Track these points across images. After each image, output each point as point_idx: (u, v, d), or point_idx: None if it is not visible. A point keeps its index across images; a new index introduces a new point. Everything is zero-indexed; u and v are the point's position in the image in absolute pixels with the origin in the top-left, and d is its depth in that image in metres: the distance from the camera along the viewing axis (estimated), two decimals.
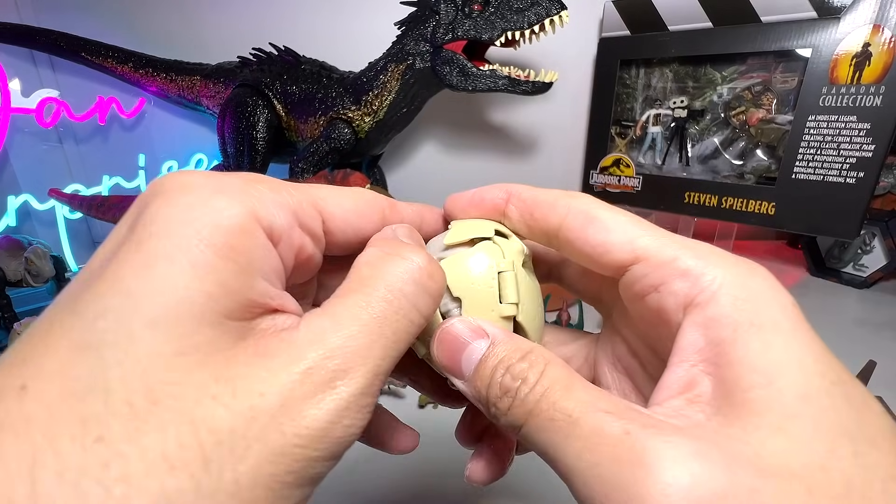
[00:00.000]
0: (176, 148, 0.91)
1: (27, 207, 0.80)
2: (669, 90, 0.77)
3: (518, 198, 0.18)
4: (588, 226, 0.16)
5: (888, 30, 0.58)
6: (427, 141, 0.94)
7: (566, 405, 0.13)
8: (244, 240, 0.13)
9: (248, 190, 0.14)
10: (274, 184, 0.15)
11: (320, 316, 0.13)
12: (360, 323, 0.13)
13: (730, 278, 0.14)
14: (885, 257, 0.71)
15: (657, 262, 0.15)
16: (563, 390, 0.13)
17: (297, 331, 0.13)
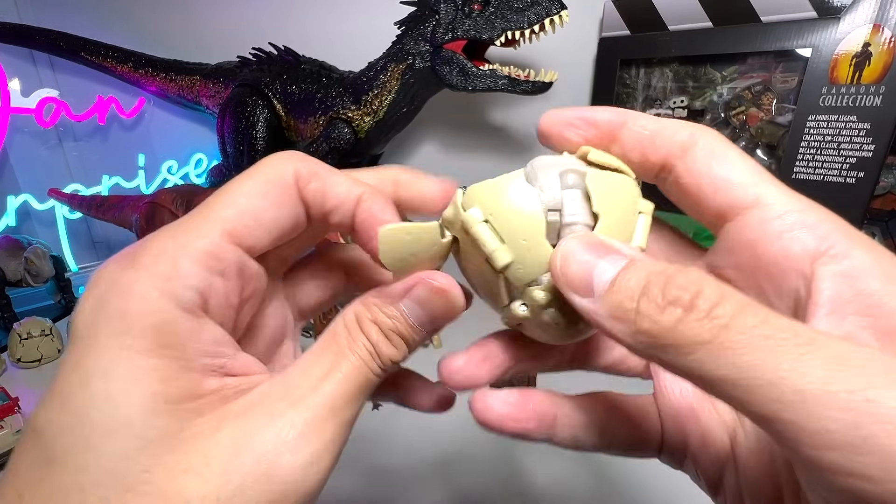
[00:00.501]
0: (175, 148, 0.91)
1: (27, 207, 0.80)
2: (669, 90, 0.77)
3: (635, 122, 0.17)
4: (712, 160, 0.15)
5: (888, 29, 0.58)
6: (427, 141, 0.94)
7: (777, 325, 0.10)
8: (170, 332, 0.13)
9: (160, 267, 0.14)
10: (188, 230, 0.15)
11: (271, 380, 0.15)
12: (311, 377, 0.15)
13: (858, 239, 0.13)
14: None
15: (781, 211, 0.14)
16: (753, 313, 0.11)
17: (250, 394, 0.14)
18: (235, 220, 0.15)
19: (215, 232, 0.15)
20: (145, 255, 0.14)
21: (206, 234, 0.15)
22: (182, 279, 0.14)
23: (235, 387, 0.14)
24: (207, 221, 0.15)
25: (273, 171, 0.16)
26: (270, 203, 0.16)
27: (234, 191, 0.16)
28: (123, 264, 0.14)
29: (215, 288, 0.15)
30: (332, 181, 0.17)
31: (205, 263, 0.14)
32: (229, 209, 0.15)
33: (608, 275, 0.12)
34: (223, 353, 0.15)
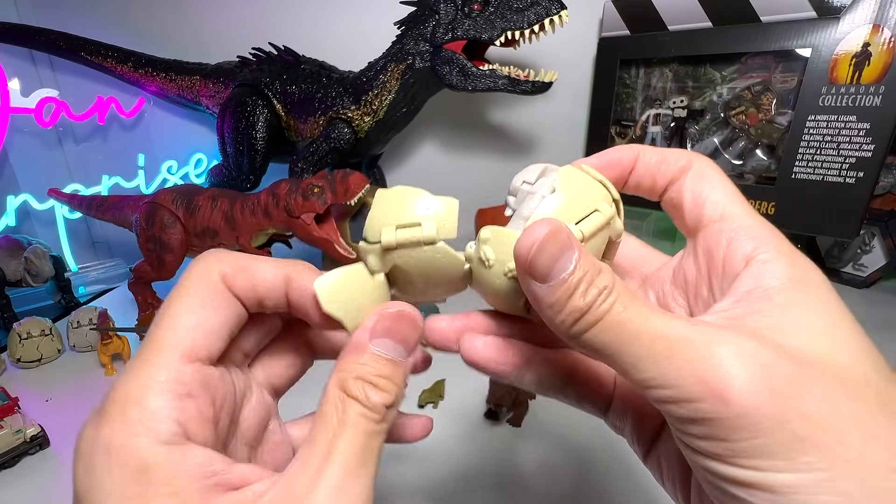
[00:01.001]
0: (175, 148, 0.91)
1: (27, 207, 0.80)
2: (669, 90, 0.77)
3: (644, 155, 0.21)
4: (699, 181, 0.19)
5: (888, 29, 0.58)
6: (427, 141, 0.94)
7: (636, 308, 0.15)
8: (157, 471, 0.14)
9: (130, 414, 0.15)
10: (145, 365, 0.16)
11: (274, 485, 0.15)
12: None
13: (786, 252, 0.17)
14: (885, 257, 0.71)
15: (737, 223, 0.18)
16: (630, 297, 0.16)
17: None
18: (185, 339, 0.16)
19: (172, 357, 0.16)
20: (112, 406, 0.15)
21: (163, 363, 0.16)
22: (154, 417, 0.15)
23: (238, 501, 0.15)
24: (161, 351, 0.16)
25: (200, 279, 0.17)
26: (211, 310, 0.17)
27: (173, 311, 0.17)
28: (96, 422, 0.15)
29: (189, 411, 0.15)
30: (257, 270, 0.18)
31: (172, 392, 0.15)
32: (177, 331, 0.16)
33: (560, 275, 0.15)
34: (215, 471, 0.15)
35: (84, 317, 0.59)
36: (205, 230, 0.61)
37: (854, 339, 0.15)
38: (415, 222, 0.18)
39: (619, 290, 0.16)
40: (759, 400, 0.13)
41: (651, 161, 0.20)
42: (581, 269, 0.15)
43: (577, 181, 0.19)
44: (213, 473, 0.15)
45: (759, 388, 0.13)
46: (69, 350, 0.60)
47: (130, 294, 0.65)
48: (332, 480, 0.15)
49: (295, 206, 0.57)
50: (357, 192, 0.57)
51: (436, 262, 0.18)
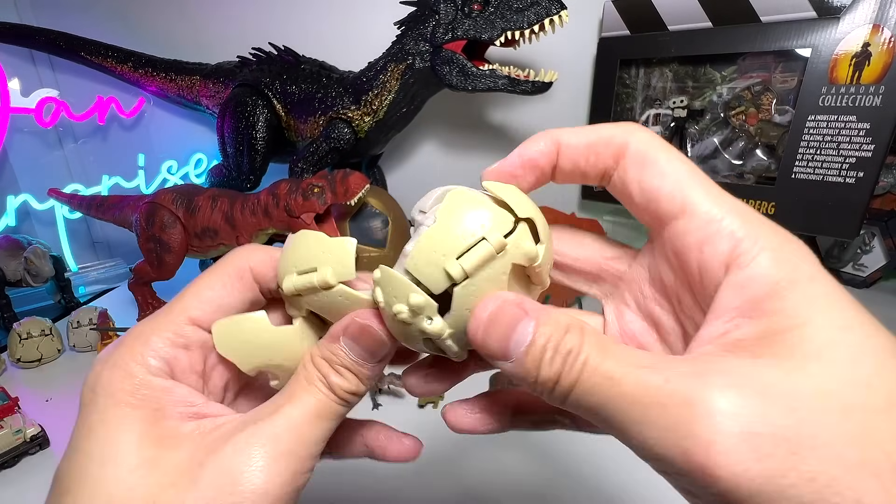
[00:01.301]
0: (175, 148, 0.91)
1: (26, 207, 0.80)
2: (669, 90, 0.77)
3: (568, 143, 0.17)
4: (642, 170, 0.16)
5: (888, 29, 0.58)
6: (427, 141, 0.94)
7: (607, 367, 0.14)
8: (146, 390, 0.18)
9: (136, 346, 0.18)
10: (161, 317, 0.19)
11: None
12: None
13: (769, 243, 0.14)
14: (885, 257, 0.71)
15: (704, 220, 0.15)
16: (601, 354, 0.14)
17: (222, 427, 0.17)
18: (197, 307, 0.19)
19: (181, 317, 0.19)
20: (129, 337, 0.19)
21: (173, 318, 0.19)
22: (151, 352, 0.18)
23: (211, 425, 0.18)
24: (175, 310, 0.19)
25: (230, 264, 0.20)
26: (228, 291, 0.20)
27: (198, 284, 0.20)
28: (113, 346, 0.19)
29: (179, 358, 0.19)
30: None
31: (170, 340, 0.19)
32: (193, 299, 0.20)
33: (520, 349, 0.15)
34: (194, 402, 0.18)
35: (84, 317, 0.59)
36: (205, 230, 0.61)
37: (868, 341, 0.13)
38: (311, 267, 0.19)
39: (590, 348, 0.14)
40: (749, 471, 0.11)
41: (578, 150, 0.17)
42: (542, 336, 0.15)
43: (462, 206, 0.16)
44: (192, 404, 0.18)
45: (748, 457, 0.11)
46: (69, 350, 0.60)
47: (130, 294, 0.65)
48: (289, 417, 0.17)
49: (295, 206, 0.57)
50: (357, 192, 0.57)
51: (340, 304, 0.19)
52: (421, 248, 0.16)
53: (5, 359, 0.57)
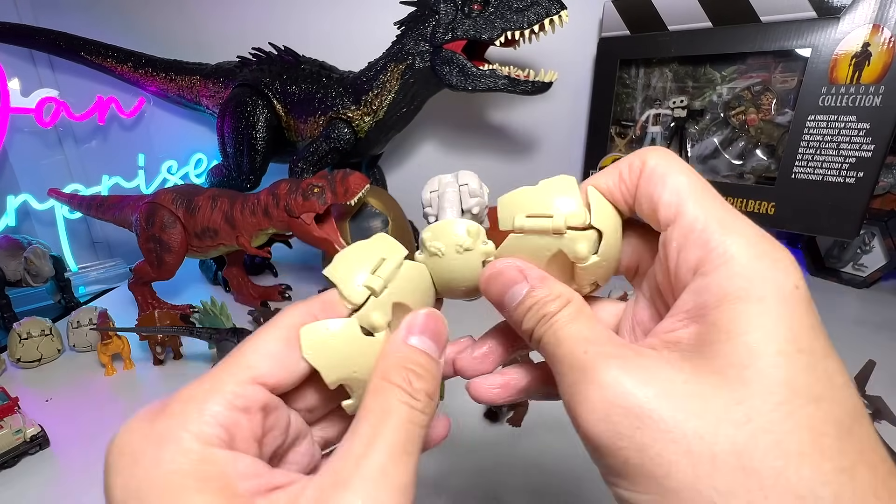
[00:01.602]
0: (175, 147, 0.91)
1: (26, 207, 0.80)
2: (669, 90, 0.77)
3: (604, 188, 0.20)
4: (650, 183, 0.18)
5: (888, 29, 0.58)
6: (427, 141, 0.94)
7: (561, 333, 0.17)
8: (209, 466, 0.15)
9: (189, 413, 0.15)
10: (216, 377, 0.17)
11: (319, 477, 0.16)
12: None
13: (739, 255, 0.15)
14: (885, 257, 0.71)
15: (687, 228, 0.16)
16: (567, 322, 0.17)
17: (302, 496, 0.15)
18: (259, 364, 0.17)
19: (244, 375, 0.17)
20: (174, 403, 0.16)
21: (234, 376, 0.17)
22: (208, 418, 0.15)
23: (286, 498, 0.15)
24: (236, 366, 0.17)
25: (291, 318, 0.19)
26: (291, 348, 0.18)
27: (257, 339, 0.18)
28: (152, 417, 0.16)
29: (241, 424, 0.16)
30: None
31: (230, 404, 0.16)
32: (253, 356, 0.17)
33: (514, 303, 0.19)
34: (260, 473, 0.16)
35: (84, 317, 0.59)
36: (205, 230, 0.61)
37: (796, 376, 0.13)
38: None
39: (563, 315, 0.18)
40: (598, 428, 0.15)
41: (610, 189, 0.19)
42: (531, 298, 0.18)
43: (565, 188, 0.19)
44: (259, 475, 0.16)
45: (601, 418, 0.15)
46: (69, 350, 0.60)
47: (130, 294, 0.65)
48: (375, 464, 0.15)
49: (295, 205, 0.57)
50: (357, 192, 0.57)
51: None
52: (511, 197, 0.20)
53: (5, 359, 0.57)
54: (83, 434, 0.45)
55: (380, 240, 0.21)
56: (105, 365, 0.55)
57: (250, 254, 0.63)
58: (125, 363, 0.55)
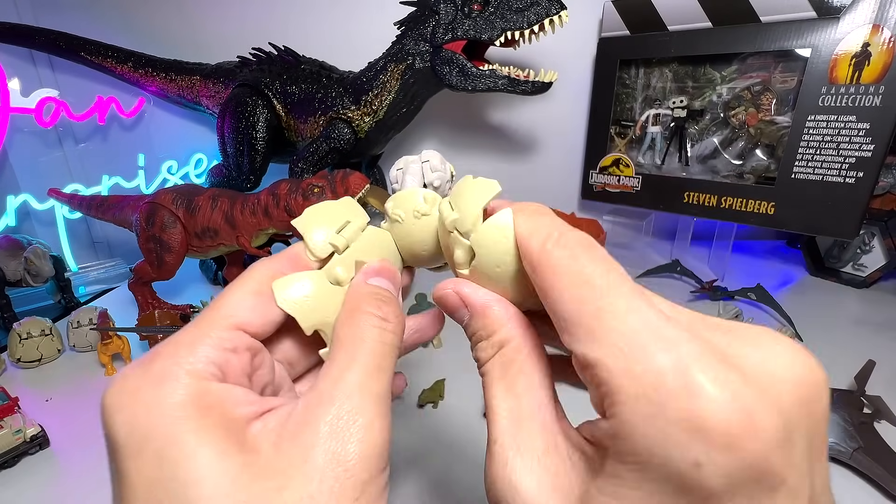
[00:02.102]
0: (175, 148, 0.91)
1: (27, 207, 0.80)
2: (669, 90, 0.77)
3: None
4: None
5: (888, 29, 0.58)
6: (427, 141, 0.94)
7: (487, 395, 0.18)
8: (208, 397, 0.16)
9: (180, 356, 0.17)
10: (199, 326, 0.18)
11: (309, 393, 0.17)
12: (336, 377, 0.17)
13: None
14: (885, 257, 0.71)
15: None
16: (493, 382, 0.18)
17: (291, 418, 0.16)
18: (236, 312, 0.19)
19: (225, 321, 0.18)
20: (165, 348, 0.17)
21: (214, 325, 0.18)
22: (203, 357, 0.17)
23: (277, 418, 0.17)
24: (217, 316, 0.19)
25: (259, 274, 0.20)
26: (263, 298, 0.20)
27: (229, 293, 0.20)
28: (145, 362, 0.16)
29: (231, 362, 0.18)
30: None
31: (218, 345, 0.17)
32: (229, 307, 0.19)
33: (463, 322, 0.20)
34: (253, 401, 0.17)
35: (84, 317, 0.59)
36: (205, 230, 0.61)
37: None
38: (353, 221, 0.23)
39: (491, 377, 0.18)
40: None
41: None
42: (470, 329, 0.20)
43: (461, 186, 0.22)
44: (252, 403, 0.17)
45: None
46: (69, 350, 0.60)
47: (130, 294, 0.65)
48: (354, 380, 0.17)
49: (295, 205, 0.57)
50: (357, 192, 0.57)
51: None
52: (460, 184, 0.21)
53: (5, 359, 0.57)
54: (83, 434, 0.45)
55: (347, 203, 0.23)
56: (105, 365, 0.55)
57: (250, 254, 0.63)
58: (125, 363, 0.55)
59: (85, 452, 0.43)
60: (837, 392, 0.46)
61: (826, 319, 0.64)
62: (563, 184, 0.92)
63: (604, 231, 0.76)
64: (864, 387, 0.46)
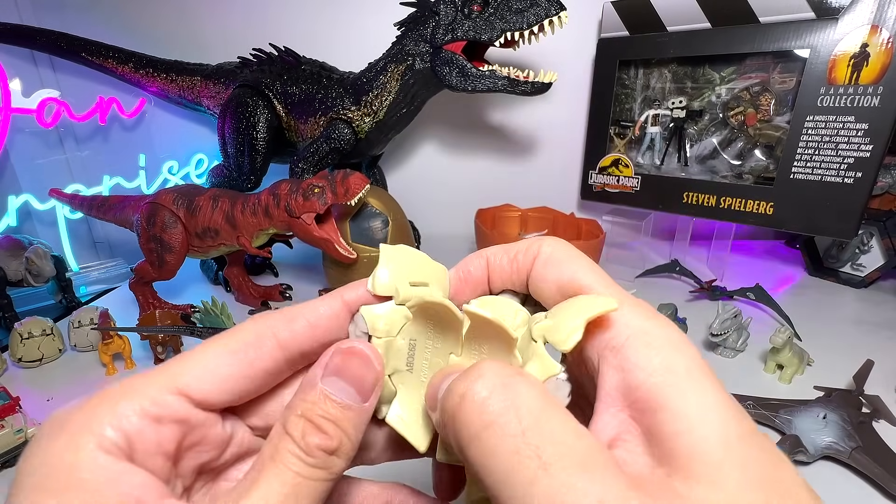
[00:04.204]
0: (176, 148, 0.91)
1: (28, 207, 0.80)
2: (668, 90, 0.77)
3: (494, 261, 0.20)
4: (547, 266, 0.18)
5: (886, 30, 0.58)
6: (427, 141, 0.94)
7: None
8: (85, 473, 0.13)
9: (99, 409, 0.14)
10: (143, 378, 0.15)
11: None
12: None
13: (640, 327, 0.15)
14: (883, 257, 0.72)
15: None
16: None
17: None
18: (191, 374, 0.16)
19: (167, 383, 0.15)
20: (96, 397, 0.15)
21: (157, 382, 0.15)
22: (113, 420, 0.14)
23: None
24: (164, 373, 0.16)
25: (247, 330, 0.17)
26: (237, 360, 0.16)
27: (203, 348, 0.16)
28: (76, 406, 0.15)
29: (145, 435, 0.15)
30: (311, 308, 0.18)
31: (142, 410, 0.15)
32: (190, 364, 0.16)
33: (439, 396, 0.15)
34: (143, 498, 0.14)
35: (85, 316, 0.59)
36: (206, 230, 0.61)
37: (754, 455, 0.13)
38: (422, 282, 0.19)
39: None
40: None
41: (502, 265, 0.19)
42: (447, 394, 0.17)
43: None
44: (140, 500, 0.14)
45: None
46: (70, 350, 0.60)
47: (131, 294, 0.65)
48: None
49: (295, 206, 0.57)
50: (357, 192, 0.58)
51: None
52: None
53: (6, 358, 0.57)
54: None
55: (440, 271, 0.20)
56: (106, 364, 0.55)
57: (251, 254, 0.63)
58: (126, 363, 0.56)
59: None
60: (836, 392, 0.46)
61: (825, 319, 0.64)
62: (562, 184, 0.92)
63: (603, 231, 0.76)
64: (862, 386, 0.47)
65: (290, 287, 0.72)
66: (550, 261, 0.18)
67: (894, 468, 0.37)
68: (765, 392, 0.47)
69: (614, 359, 0.15)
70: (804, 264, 0.81)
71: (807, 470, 0.39)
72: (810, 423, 0.40)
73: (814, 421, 0.41)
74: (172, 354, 0.57)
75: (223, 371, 0.16)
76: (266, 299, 0.69)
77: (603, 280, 0.17)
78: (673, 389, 0.13)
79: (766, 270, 0.81)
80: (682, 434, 0.13)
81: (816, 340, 0.57)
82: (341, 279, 0.64)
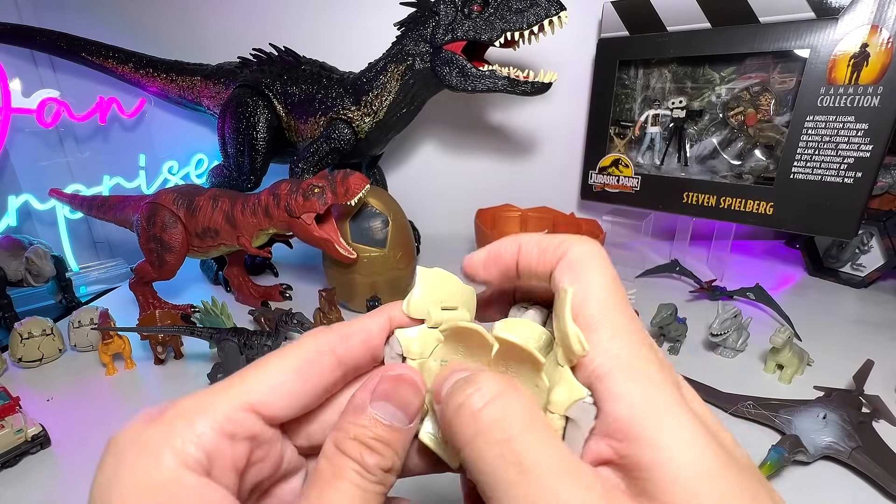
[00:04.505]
0: (176, 148, 0.91)
1: (28, 207, 0.80)
2: (668, 90, 0.77)
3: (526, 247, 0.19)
4: (565, 272, 0.18)
5: (886, 30, 0.58)
6: (427, 141, 0.94)
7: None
8: (172, 491, 0.14)
9: (177, 426, 0.15)
10: (213, 394, 0.16)
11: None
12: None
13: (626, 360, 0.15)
14: (883, 257, 0.72)
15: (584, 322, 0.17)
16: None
17: None
18: (257, 392, 0.16)
19: (239, 399, 0.16)
20: (171, 412, 0.15)
21: (229, 399, 0.16)
22: (194, 438, 0.15)
23: None
24: (234, 389, 0.16)
25: (305, 347, 0.18)
26: (302, 377, 0.17)
27: (266, 362, 0.17)
28: (148, 421, 0.15)
29: (222, 451, 0.15)
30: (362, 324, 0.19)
31: (219, 427, 0.15)
32: (254, 381, 0.17)
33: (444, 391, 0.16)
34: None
35: (85, 316, 0.59)
36: (206, 230, 0.61)
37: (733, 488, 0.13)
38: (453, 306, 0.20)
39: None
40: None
41: (532, 255, 0.19)
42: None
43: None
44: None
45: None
46: (70, 350, 0.60)
47: (131, 294, 0.65)
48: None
49: (295, 206, 0.57)
50: (357, 192, 0.58)
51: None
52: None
53: (6, 358, 0.57)
54: (84, 433, 0.45)
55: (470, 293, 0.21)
56: (106, 364, 0.55)
57: (251, 254, 0.63)
58: (126, 363, 0.56)
59: (86, 452, 0.43)
60: (836, 391, 0.46)
61: (824, 319, 0.64)
62: (562, 184, 0.92)
63: (603, 231, 0.76)
64: (862, 386, 0.47)
65: (290, 287, 0.73)
66: (571, 266, 0.18)
67: (894, 468, 0.37)
68: (765, 392, 0.47)
69: (599, 385, 0.15)
70: (804, 264, 0.80)
71: (807, 470, 0.39)
72: (810, 423, 0.40)
73: (814, 421, 0.41)
74: (172, 354, 0.57)
75: (288, 388, 0.17)
76: (266, 299, 0.69)
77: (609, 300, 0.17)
78: (653, 421, 0.14)
79: (766, 270, 0.81)
80: (661, 464, 0.13)
81: (816, 340, 0.57)
82: (341, 279, 0.64)
